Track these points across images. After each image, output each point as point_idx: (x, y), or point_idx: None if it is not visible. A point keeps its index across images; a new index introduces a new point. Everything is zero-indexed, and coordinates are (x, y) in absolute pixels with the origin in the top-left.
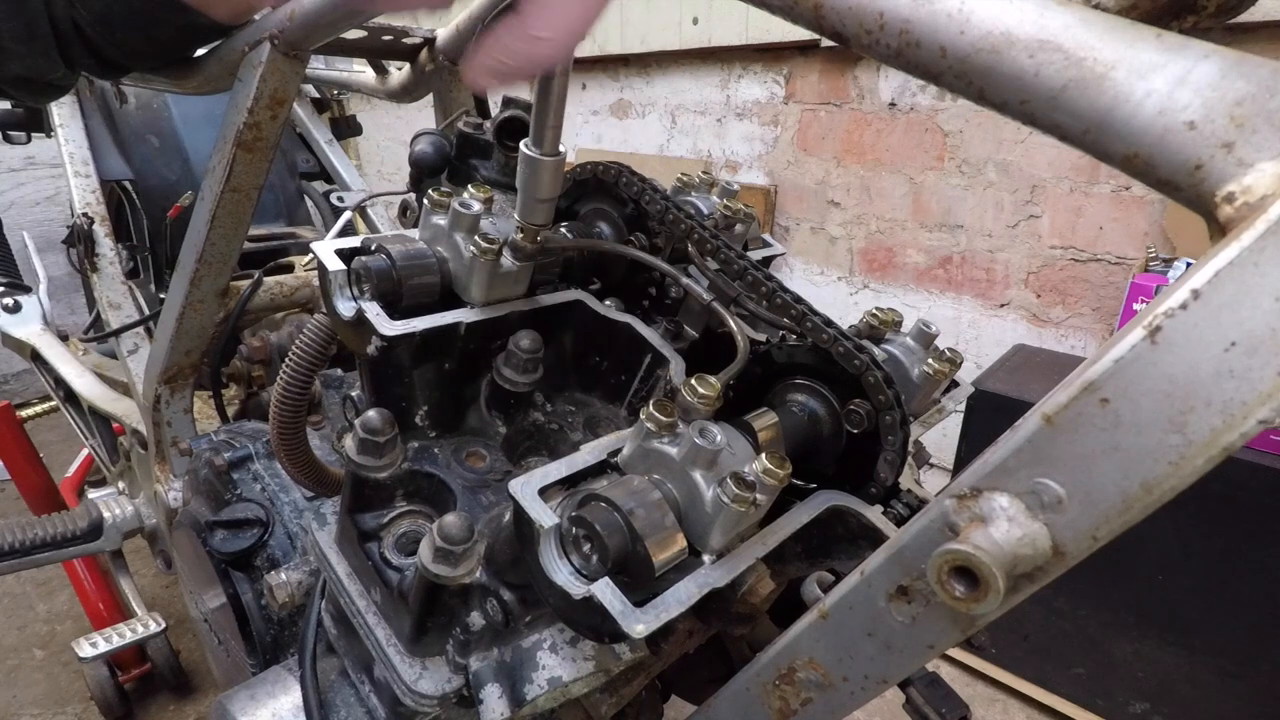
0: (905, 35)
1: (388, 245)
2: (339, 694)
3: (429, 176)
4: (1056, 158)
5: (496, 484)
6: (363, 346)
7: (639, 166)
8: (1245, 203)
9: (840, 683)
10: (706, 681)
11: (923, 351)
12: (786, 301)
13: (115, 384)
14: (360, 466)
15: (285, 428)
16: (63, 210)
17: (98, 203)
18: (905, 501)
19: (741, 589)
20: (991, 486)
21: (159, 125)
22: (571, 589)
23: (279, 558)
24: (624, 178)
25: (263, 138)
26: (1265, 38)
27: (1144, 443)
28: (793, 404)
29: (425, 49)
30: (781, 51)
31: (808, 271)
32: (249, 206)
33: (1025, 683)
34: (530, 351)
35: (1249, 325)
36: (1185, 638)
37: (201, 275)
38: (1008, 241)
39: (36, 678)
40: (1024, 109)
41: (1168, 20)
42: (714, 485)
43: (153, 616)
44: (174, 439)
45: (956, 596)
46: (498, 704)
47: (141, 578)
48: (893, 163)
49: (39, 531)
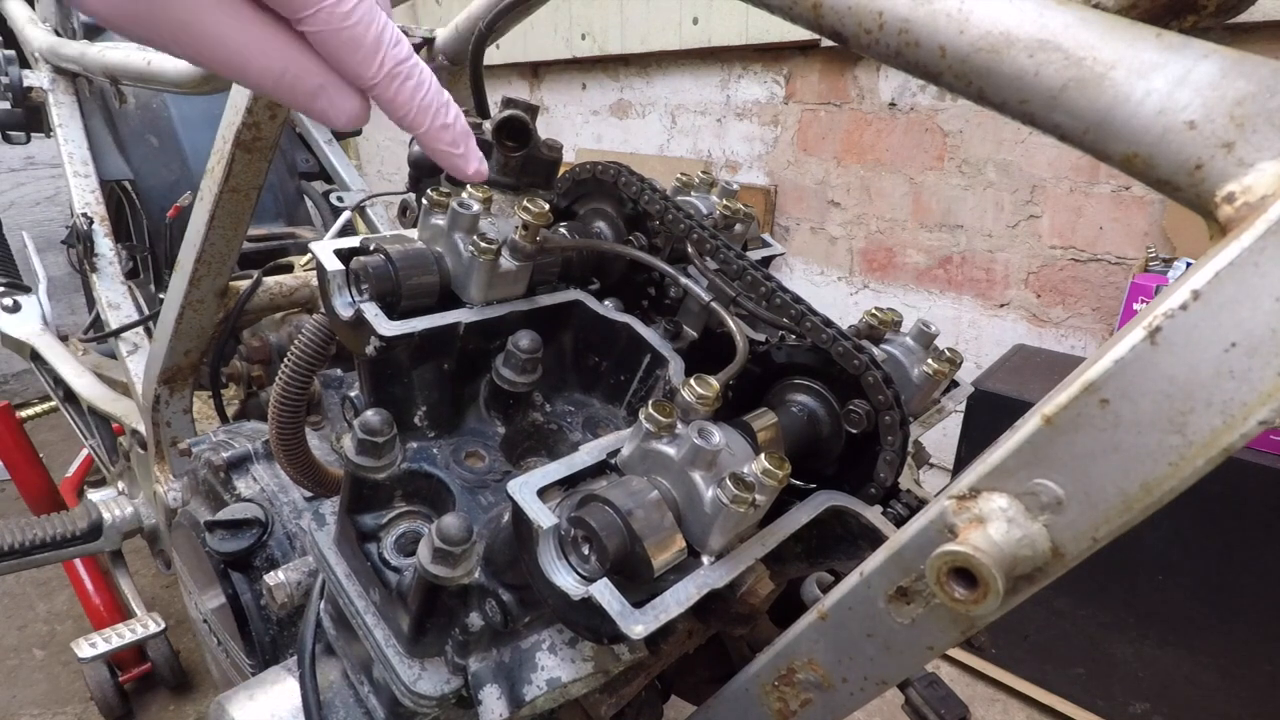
0: (905, 35)
1: (386, 245)
2: (338, 694)
3: (428, 176)
4: (1056, 158)
5: (495, 484)
6: (361, 347)
7: (639, 166)
8: (1245, 203)
9: (840, 683)
10: (706, 681)
11: (922, 351)
12: (786, 301)
13: (115, 384)
14: (359, 467)
15: (284, 428)
16: (63, 210)
17: (97, 203)
18: (905, 502)
19: (741, 589)
20: (991, 487)
21: (159, 125)
22: (570, 590)
23: (278, 558)
24: (623, 177)
25: (262, 137)
26: (1265, 38)
27: (1144, 443)
28: (792, 404)
29: (424, 49)
30: (781, 51)
31: (808, 271)
32: (248, 206)
33: (1025, 683)
34: (529, 352)
35: (1249, 326)
36: (1185, 638)
37: (200, 275)
38: (1008, 241)
39: (36, 678)
40: (1024, 109)
41: (1168, 20)
42: (713, 486)
43: (152, 616)
44: (173, 439)
45: (956, 597)
46: (497, 705)
47: (141, 578)
48: (893, 163)
49: (39, 531)
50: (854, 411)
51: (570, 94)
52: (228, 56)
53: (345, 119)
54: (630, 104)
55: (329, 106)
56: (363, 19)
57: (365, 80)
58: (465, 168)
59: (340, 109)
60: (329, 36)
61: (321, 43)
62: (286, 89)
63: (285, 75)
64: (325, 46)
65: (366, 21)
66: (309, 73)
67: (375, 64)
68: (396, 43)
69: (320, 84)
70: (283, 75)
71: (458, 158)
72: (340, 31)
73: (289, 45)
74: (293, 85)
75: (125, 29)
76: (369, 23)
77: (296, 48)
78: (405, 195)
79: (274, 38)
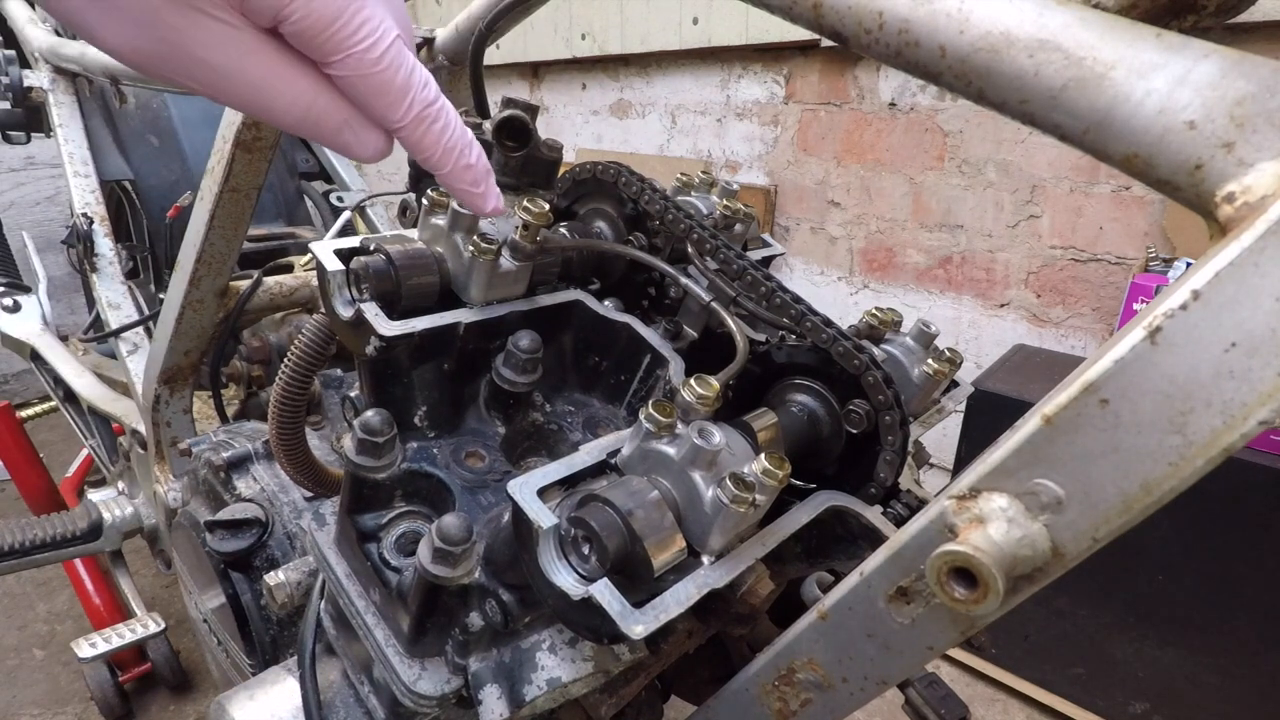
0: (904, 35)
1: (387, 245)
2: (338, 694)
3: (428, 177)
4: (1056, 158)
5: (495, 484)
6: (361, 347)
7: (639, 166)
8: (1245, 203)
9: (840, 683)
10: (706, 681)
11: (922, 351)
12: (786, 301)
13: (115, 384)
14: (359, 467)
15: (284, 428)
16: (63, 210)
17: (97, 203)
18: (905, 502)
19: (741, 589)
20: (991, 487)
21: (159, 125)
22: (570, 590)
23: (278, 558)
24: (623, 177)
25: (262, 137)
26: (1265, 38)
27: (1144, 443)
28: (792, 404)
29: (424, 49)
30: (781, 51)
31: (808, 271)
32: (248, 206)
33: (1025, 683)
34: (529, 352)
35: (1249, 326)
36: (1185, 638)
37: (201, 275)
38: (1008, 241)
39: (36, 678)
40: (1024, 109)
41: (1168, 20)
42: (713, 486)
43: (152, 616)
44: (173, 439)
45: (956, 597)
46: (497, 704)
47: (141, 578)
48: (893, 163)
49: (39, 532)
50: (854, 411)
51: (570, 94)
52: (252, 96)
53: (370, 153)
54: (630, 104)
55: (354, 141)
56: (392, 63)
57: (392, 123)
58: (484, 206)
59: (365, 144)
60: (357, 81)
61: (349, 86)
62: (311, 125)
63: (310, 114)
64: (353, 90)
65: (395, 66)
66: (334, 109)
67: (403, 108)
68: (425, 85)
69: (345, 119)
70: (307, 113)
71: (477, 196)
72: (369, 77)
73: (314, 84)
74: (317, 122)
75: (147, 69)
76: (398, 67)
77: (321, 86)
78: (405, 195)
79: (299, 77)
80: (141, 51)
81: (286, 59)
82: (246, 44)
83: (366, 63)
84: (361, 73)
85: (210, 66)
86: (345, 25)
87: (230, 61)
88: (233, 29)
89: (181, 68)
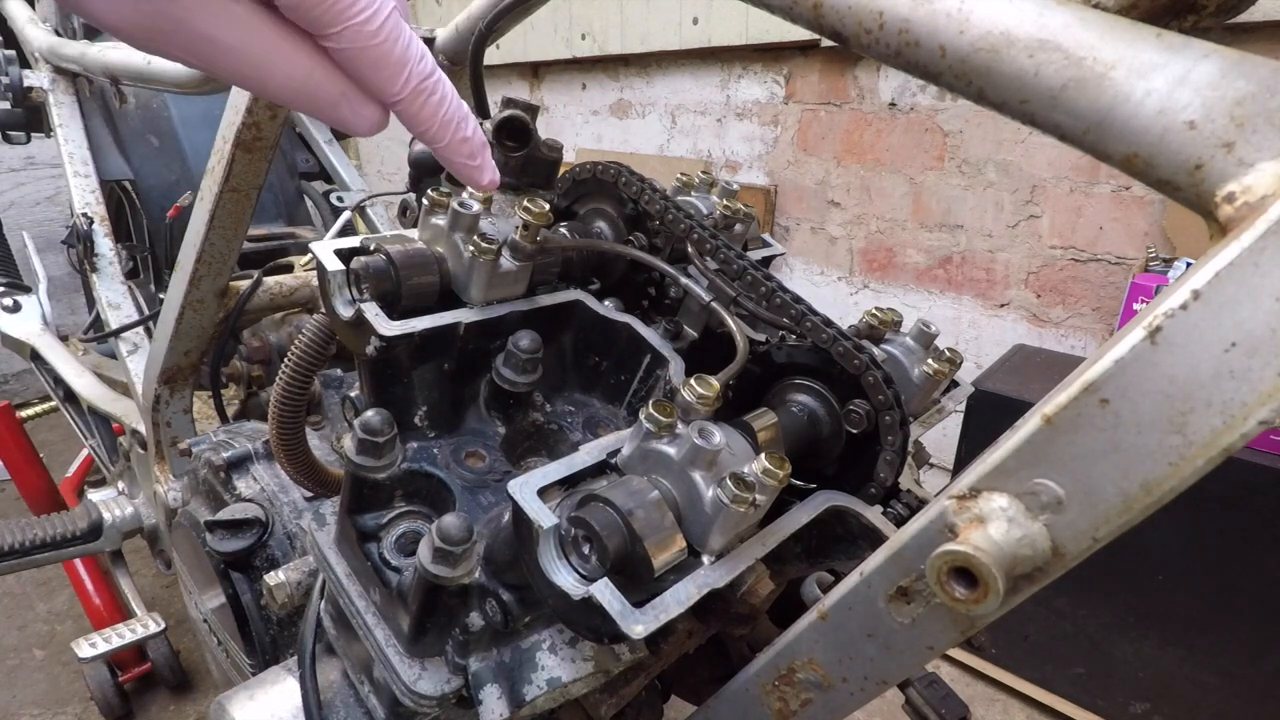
0: (905, 35)
1: (387, 245)
2: (338, 694)
3: (428, 176)
4: (1056, 158)
5: (496, 484)
6: (362, 347)
7: (639, 166)
8: (1245, 203)
9: (840, 683)
10: (706, 681)
11: (922, 351)
12: (786, 301)
13: (115, 384)
14: (359, 467)
15: (284, 428)
16: (63, 210)
17: (97, 203)
18: (905, 502)
19: (741, 589)
20: (991, 487)
21: (159, 125)
22: (570, 590)
23: (278, 558)
24: (623, 177)
25: (262, 137)
26: (1265, 38)
27: (1144, 443)
28: (792, 404)
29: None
30: (781, 51)
31: (808, 271)
32: (248, 206)
33: (1025, 683)
34: (529, 352)
35: (1249, 326)
36: (1185, 638)
37: (201, 275)
38: (1008, 241)
39: (36, 678)
40: (1024, 109)
41: (1168, 20)
42: (713, 486)
43: (152, 616)
44: (173, 439)
45: (956, 597)
46: (497, 704)
47: (141, 578)
48: (893, 163)
49: (39, 532)
50: (854, 411)
51: (570, 94)
52: (248, 70)
53: (366, 127)
54: (630, 104)
55: (350, 114)
56: (389, 35)
57: (389, 96)
58: (480, 179)
59: (362, 117)
60: (355, 54)
61: (346, 59)
62: (307, 99)
63: (306, 86)
64: (350, 63)
65: (393, 38)
66: (330, 82)
67: (400, 81)
68: (421, 58)
69: (341, 92)
70: (304, 86)
71: (474, 169)
72: (367, 49)
73: (310, 57)
74: (314, 95)
75: (141, 42)
76: (395, 39)
77: (317, 59)
78: (405, 195)
79: (295, 50)
80: (137, 25)
81: (283, 31)
82: (242, 16)
83: (364, 35)
84: (359, 45)
85: (206, 39)
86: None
87: (226, 34)
88: (228, 1)
89: (177, 41)
